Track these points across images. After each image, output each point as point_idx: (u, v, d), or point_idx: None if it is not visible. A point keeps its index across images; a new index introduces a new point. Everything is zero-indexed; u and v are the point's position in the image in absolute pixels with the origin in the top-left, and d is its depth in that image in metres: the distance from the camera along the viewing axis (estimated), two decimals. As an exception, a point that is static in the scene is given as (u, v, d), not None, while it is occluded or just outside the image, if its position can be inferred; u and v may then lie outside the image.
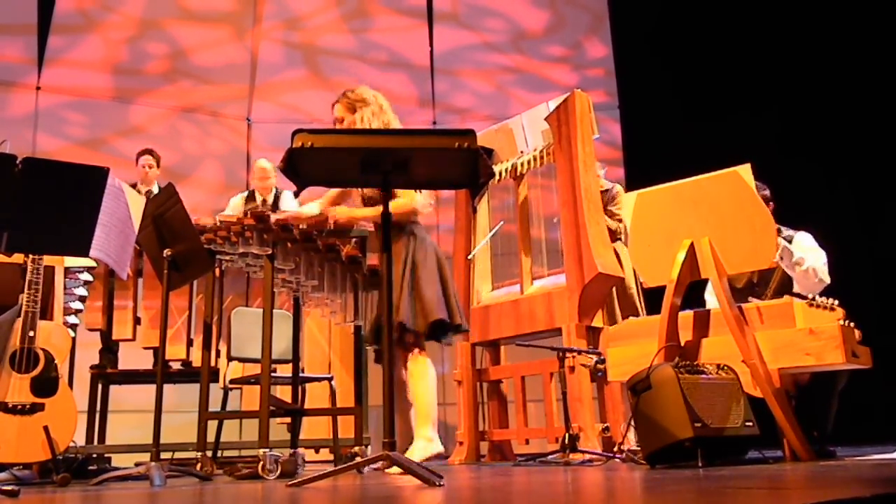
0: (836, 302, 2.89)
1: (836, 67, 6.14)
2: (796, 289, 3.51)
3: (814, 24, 6.19)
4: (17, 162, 2.44)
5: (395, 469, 2.68)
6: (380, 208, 3.58)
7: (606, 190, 4.99)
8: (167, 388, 3.22)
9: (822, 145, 6.01)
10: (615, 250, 4.57)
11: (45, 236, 2.56)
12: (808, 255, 3.54)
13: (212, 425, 3.78)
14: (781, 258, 3.43)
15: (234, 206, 5.48)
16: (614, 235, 4.71)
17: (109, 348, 4.58)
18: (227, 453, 4.73)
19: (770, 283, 3.61)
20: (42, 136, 6.52)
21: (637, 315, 4.50)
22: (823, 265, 3.50)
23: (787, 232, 3.61)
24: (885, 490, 1.44)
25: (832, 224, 3.82)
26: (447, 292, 3.62)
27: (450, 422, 6.03)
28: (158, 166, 5.37)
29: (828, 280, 3.47)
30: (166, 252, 3.14)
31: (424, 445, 3.47)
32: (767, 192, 3.63)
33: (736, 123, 6.25)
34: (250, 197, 5.48)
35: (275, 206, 5.33)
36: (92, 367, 4.40)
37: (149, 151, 5.38)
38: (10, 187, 2.43)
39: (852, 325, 2.85)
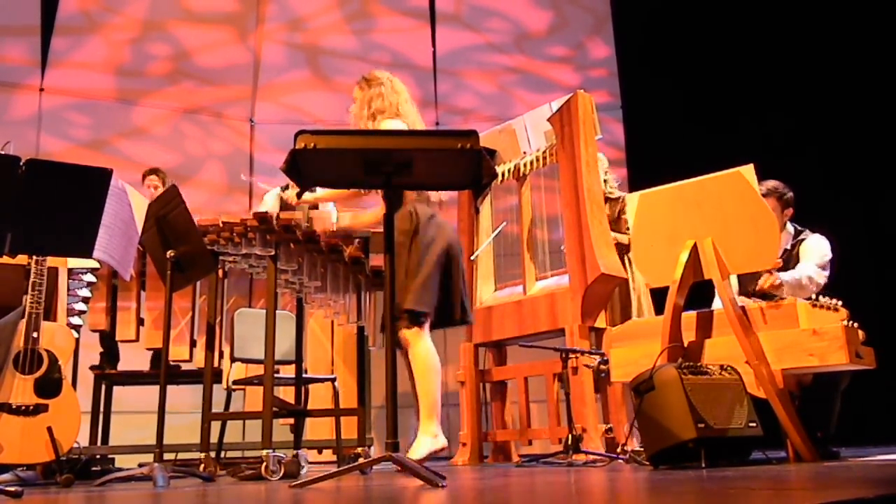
0: (840, 302, 2.89)
1: (842, 66, 6.12)
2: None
3: (817, 23, 6.18)
4: (21, 163, 2.45)
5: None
6: (372, 215, 3.57)
7: (617, 198, 4.77)
8: (170, 389, 3.23)
9: (827, 146, 6.00)
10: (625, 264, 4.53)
11: (49, 237, 2.56)
12: (805, 256, 3.53)
13: (215, 426, 3.79)
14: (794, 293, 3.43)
15: (272, 201, 5.37)
16: (627, 249, 4.52)
17: (110, 352, 4.57)
18: (229, 454, 4.74)
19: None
20: (45, 137, 6.53)
21: None
22: (820, 266, 3.49)
23: (802, 235, 3.60)
24: (888, 491, 1.44)
25: (836, 224, 3.80)
26: (442, 282, 3.37)
27: (452, 422, 6.03)
28: (164, 185, 5.25)
29: (820, 281, 3.47)
30: (169, 253, 3.15)
31: (429, 441, 3.25)
32: (791, 195, 3.62)
33: (739, 124, 6.25)
34: (285, 190, 5.41)
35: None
36: (92, 368, 4.41)
37: (154, 171, 5.31)
38: (13, 189, 2.43)
39: (856, 325, 2.85)
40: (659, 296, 3.23)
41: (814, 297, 2.96)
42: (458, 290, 3.43)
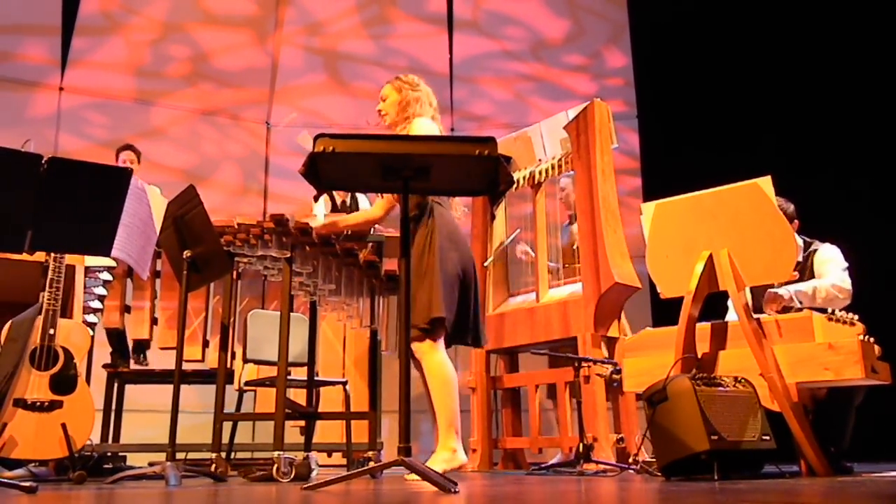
0: (856, 317, 2.87)
1: (857, 80, 6.10)
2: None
3: (836, 33, 6.15)
4: (43, 161, 2.47)
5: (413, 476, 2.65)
6: (362, 214, 3.57)
7: None
8: (182, 388, 3.24)
9: (842, 158, 5.96)
10: None
11: (69, 236, 2.58)
12: (823, 269, 3.52)
13: (225, 427, 3.80)
14: (801, 302, 3.42)
15: (321, 211, 5.39)
16: None
17: (118, 349, 4.59)
18: (239, 455, 4.75)
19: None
20: (64, 136, 6.59)
21: None
22: (843, 274, 3.49)
23: (813, 246, 3.60)
24: (905, 507, 1.43)
25: (852, 238, 3.79)
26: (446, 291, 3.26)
27: (463, 428, 6.02)
28: (139, 162, 5.22)
29: (849, 287, 3.46)
30: (186, 253, 3.16)
31: (448, 457, 3.18)
32: (792, 209, 3.62)
33: (755, 134, 6.22)
34: (330, 196, 5.43)
35: (353, 205, 5.31)
36: (105, 366, 4.43)
37: (128, 147, 5.24)
38: (34, 186, 2.45)
39: (872, 340, 2.83)
40: (671, 306, 3.22)
41: (830, 310, 2.94)
42: (472, 310, 3.38)
